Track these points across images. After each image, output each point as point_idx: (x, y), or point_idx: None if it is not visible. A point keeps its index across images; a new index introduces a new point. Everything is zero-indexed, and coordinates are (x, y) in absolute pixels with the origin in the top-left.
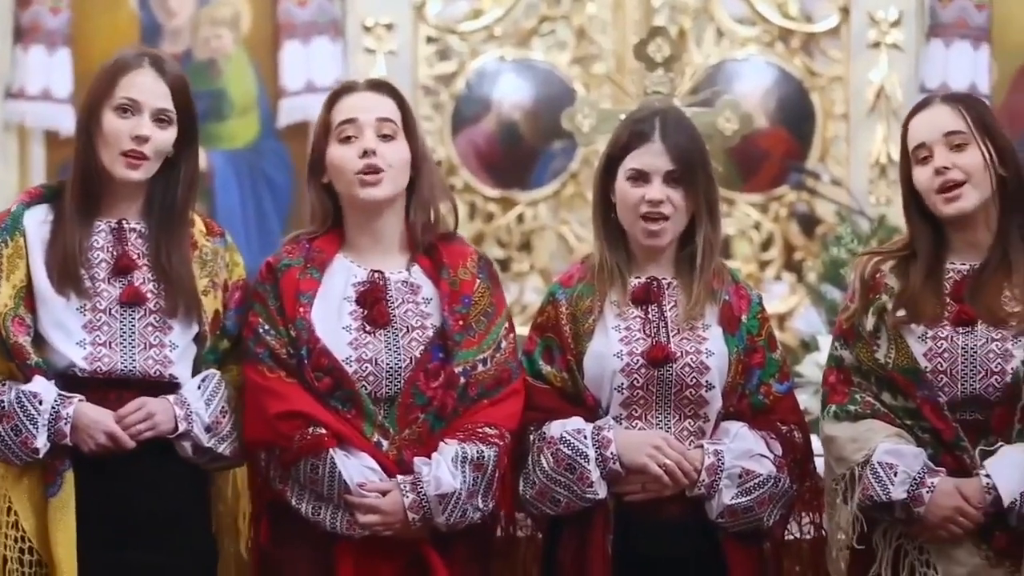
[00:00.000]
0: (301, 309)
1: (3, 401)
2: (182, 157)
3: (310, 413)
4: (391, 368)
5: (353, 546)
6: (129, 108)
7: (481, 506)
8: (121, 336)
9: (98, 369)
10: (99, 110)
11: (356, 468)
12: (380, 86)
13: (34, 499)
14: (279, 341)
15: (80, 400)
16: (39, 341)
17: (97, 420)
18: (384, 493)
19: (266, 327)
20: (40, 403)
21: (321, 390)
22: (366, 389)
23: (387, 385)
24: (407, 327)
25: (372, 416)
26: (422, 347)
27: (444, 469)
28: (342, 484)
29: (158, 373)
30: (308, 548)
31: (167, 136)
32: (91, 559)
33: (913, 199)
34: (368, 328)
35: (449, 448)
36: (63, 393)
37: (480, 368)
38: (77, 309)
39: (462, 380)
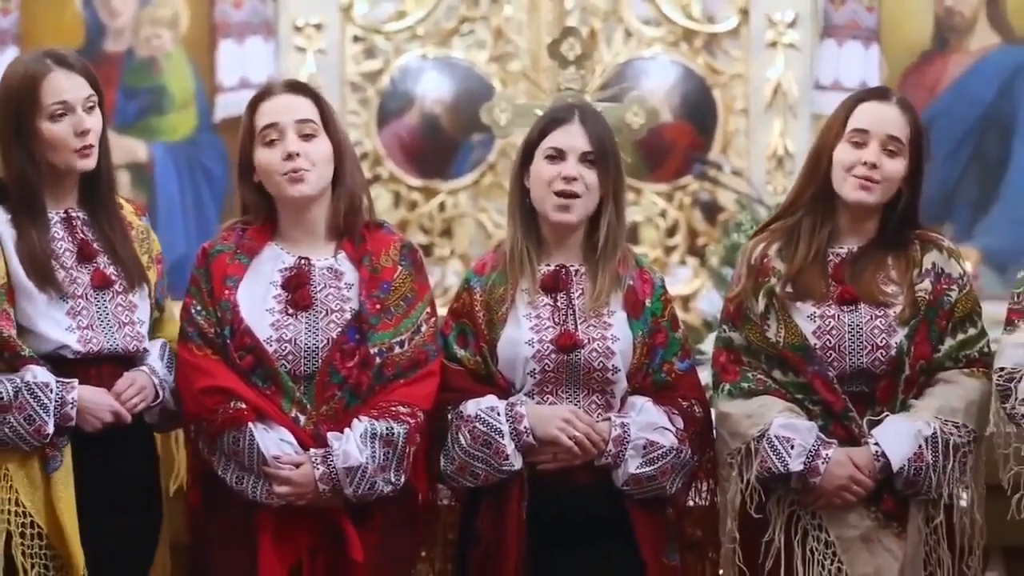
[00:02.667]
0: (227, 292)
1: (1, 394)
2: (101, 138)
3: (232, 388)
4: (309, 348)
5: (273, 514)
6: (62, 112)
7: (393, 479)
8: (99, 318)
9: (90, 350)
10: (31, 122)
11: (273, 441)
12: (297, 87)
13: (32, 475)
14: (207, 321)
15: (77, 383)
16: (20, 331)
17: (99, 402)
18: (298, 465)
19: (198, 308)
20: (51, 391)
21: (243, 367)
22: (285, 367)
23: (305, 364)
24: (327, 310)
25: (291, 393)
26: (339, 329)
27: (352, 444)
28: (260, 456)
29: (136, 348)
30: (235, 514)
31: (99, 120)
32: (81, 527)
33: (825, 170)
34: (290, 311)
35: (360, 424)
36: (60, 380)
37: (397, 350)
38: (59, 298)
39: (378, 360)
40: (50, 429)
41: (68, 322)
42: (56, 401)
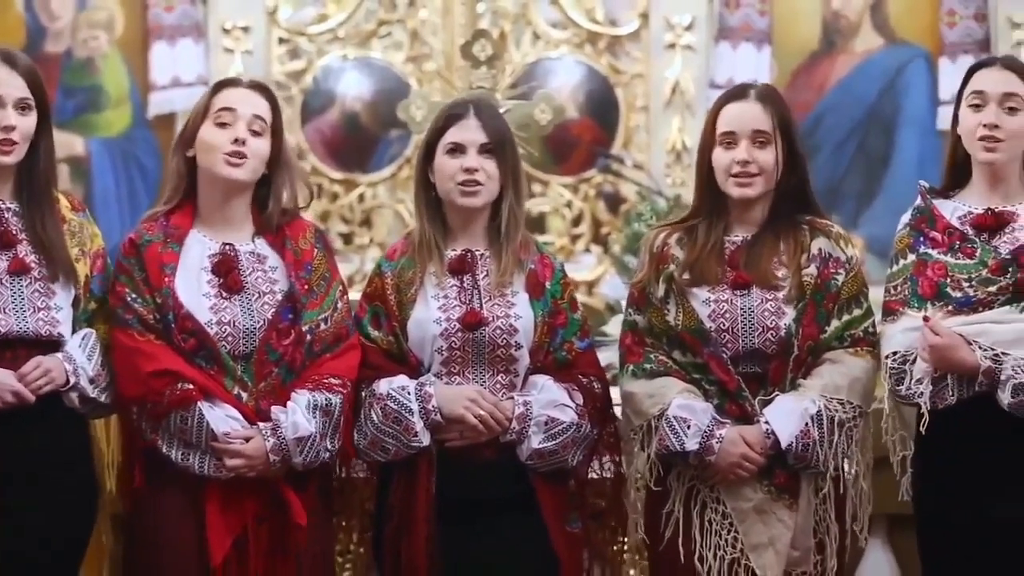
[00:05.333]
0: (166, 279)
1: None
2: (40, 138)
3: (179, 371)
4: (247, 329)
5: (219, 487)
6: None
7: (330, 447)
8: (12, 302)
9: None
10: None
11: (221, 418)
12: (261, 88)
13: None
14: (147, 308)
15: None
16: None
17: (2, 382)
18: (247, 439)
19: (133, 296)
20: None
21: (187, 350)
22: (226, 348)
23: (244, 344)
24: (259, 292)
25: (232, 371)
26: (273, 310)
27: (300, 415)
28: (209, 432)
29: (48, 333)
30: (180, 489)
31: (30, 122)
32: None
33: (708, 174)
34: (224, 294)
35: (302, 397)
36: None
37: (322, 327)
38: None
39: (308, 337)
40: None
41: None
42: None
